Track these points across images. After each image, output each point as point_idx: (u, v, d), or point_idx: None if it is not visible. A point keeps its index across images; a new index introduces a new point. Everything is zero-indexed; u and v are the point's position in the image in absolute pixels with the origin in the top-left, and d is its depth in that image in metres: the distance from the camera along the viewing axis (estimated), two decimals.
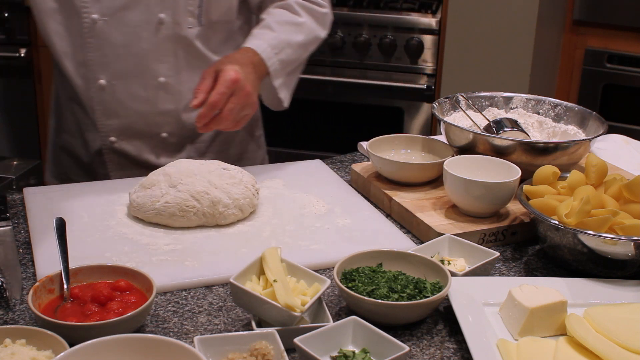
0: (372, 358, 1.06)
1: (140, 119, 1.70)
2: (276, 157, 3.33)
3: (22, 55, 3.20)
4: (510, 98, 1.77)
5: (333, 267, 1.22)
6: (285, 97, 1.72)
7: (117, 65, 1.64)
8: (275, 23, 1.65)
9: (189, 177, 1.45)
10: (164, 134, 1.73)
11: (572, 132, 1.66)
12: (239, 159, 1.86)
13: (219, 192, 1.44)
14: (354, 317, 1.11)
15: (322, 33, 1.75)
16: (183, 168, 1.47)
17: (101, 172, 1.75)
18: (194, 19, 1.64)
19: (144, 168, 1.71)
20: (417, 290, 1.17)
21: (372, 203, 1.57)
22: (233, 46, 1.72)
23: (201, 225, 1.44)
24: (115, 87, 1.65)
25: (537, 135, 1.67)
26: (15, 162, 1.85)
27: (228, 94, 1.49)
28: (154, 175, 1.48)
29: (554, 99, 1.75)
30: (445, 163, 1.46)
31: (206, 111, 1.47)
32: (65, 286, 1.16)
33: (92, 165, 1.77)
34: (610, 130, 1.70)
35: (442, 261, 1.29)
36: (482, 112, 1.71)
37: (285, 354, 1.03)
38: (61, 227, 1.29)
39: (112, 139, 1.71)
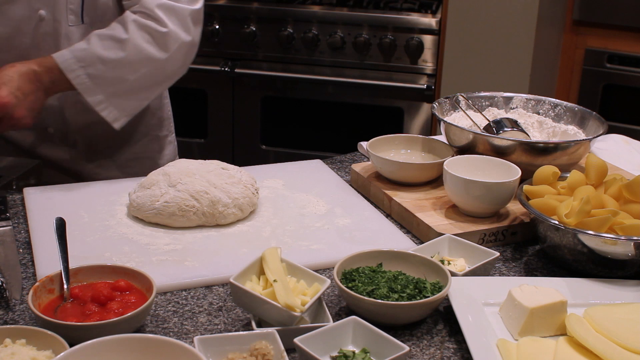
0: (372, 358, 1.06)
1: None
2: (276, 157, 3.34)
3: None
4: (510, 98, 1.77)
5: (333, 267, 1.22)
6: (111, 117, 1.62)
7: (2, 55, 1.62)
8: (95, 36, 1.58)
9: (188, 176, 1.45)
10: (51, 129, 1.73)
11: (572, 132, 1.66)
12: (135, 158, 1.86)
13: (218, 191, 1.44)
14: (354, 317, 1.11)
15: (159, 54, 1.61)
16: (182, 168, 1.47)
17: None
18: (75, 16, 1.63)
19: (38, 158, 1.71)
20: (417, 290, 1.17)
21: (372, 203, 1.57)
22: None
23: (201, 225, 1.44)
24: None
25: (537, 135, 1.67)
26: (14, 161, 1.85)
27: None
28: (153, 175, 1.48)
29: (554, 99, 1.75)
30: (445, 163, 1.46)
31: None
32: (65, 286, 1.16)
33: None
34: (610, 130, 1.70)
35: (442, 261, 1.28)
36: (482, 112, 1.71)
37: (285, 354, 1.03)
38: (61, 227, 1.29)
39: None
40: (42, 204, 1.50)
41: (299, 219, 1.47)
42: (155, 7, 1.60)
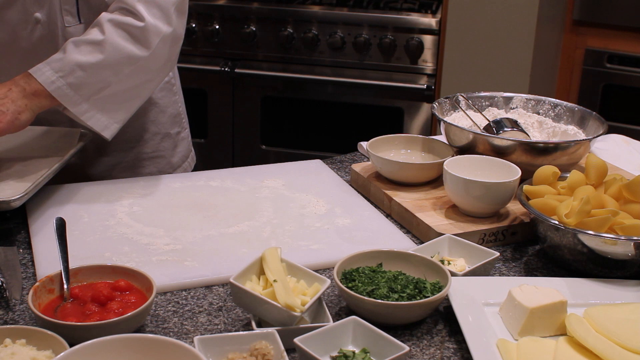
0: (372, 358, 1.06)
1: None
2: (276, 157, 3.34)
3: None
4: (510, 98, 1.77)
5: (333, 267, 1.22)
6: (100, 125, 1.53)
7: (2, 62, 1.60)
8: (71, 43, 1.50)
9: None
10: None
11: (572, 132, 1.66)
12: (152, 157, 1.82)
13: None
14: (354, 317, 1.11)
15: (140, 51, 1.51)
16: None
17: None
18: (71, 17, 1.59)
19: None
20: (417, 290, 1.17)
21: (372, 203, 1.57)
22: None
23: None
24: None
25: (537, 135, 1.67)
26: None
27: None
28: None
29: (554, 99, 1.75)
30: (445, 163, 1.46)
31: None
32: (65, 286, 1.16)
33: None
34: (610, 130, 1.70)
35: (442, 261, 1.29)
36: (482, 112, 1.71)
37: (285, 354, 1.03)
38: (61, 227, 1.29)
39: None
40: (42, 204, 1.50)
41: (299, 219, 1.47)
42: (135, 2, 1.52)
